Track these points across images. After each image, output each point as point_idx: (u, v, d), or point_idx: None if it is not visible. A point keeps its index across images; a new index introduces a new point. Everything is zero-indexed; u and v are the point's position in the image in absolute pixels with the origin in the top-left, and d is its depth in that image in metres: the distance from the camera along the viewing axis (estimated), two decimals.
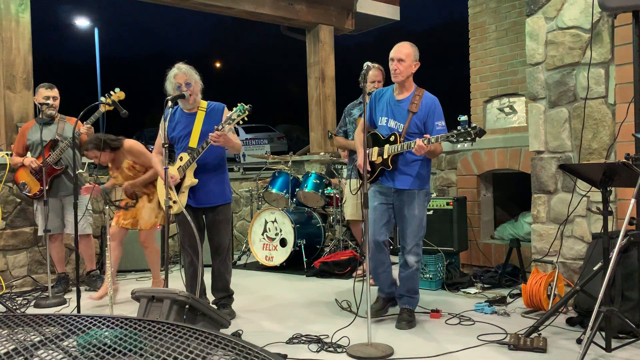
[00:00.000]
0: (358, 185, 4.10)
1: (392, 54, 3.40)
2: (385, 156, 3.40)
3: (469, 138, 3.07)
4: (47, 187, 4.33)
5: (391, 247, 5.79)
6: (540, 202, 3.87)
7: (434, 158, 3.49)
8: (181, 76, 3.57)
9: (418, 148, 3.17)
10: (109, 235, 3.69)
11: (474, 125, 3.10)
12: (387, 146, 3.40)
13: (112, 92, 4.29)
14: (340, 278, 4.91)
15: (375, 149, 3.47)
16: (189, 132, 3.63)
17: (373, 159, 3.47)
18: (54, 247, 4.63)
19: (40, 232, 4.60)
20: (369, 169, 3.45)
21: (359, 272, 4.54)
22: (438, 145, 3.29)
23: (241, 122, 3.45)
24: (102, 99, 4.25)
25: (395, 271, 3.55)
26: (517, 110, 5.44)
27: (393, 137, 3.38)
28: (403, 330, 3.34)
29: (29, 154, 4.61)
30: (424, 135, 3.22)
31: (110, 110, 4.28)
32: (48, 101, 4.53)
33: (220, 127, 3.42)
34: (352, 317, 3.55)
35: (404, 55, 3.36)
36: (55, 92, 4.61)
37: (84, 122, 4.40)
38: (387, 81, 4.16)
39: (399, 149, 3.33)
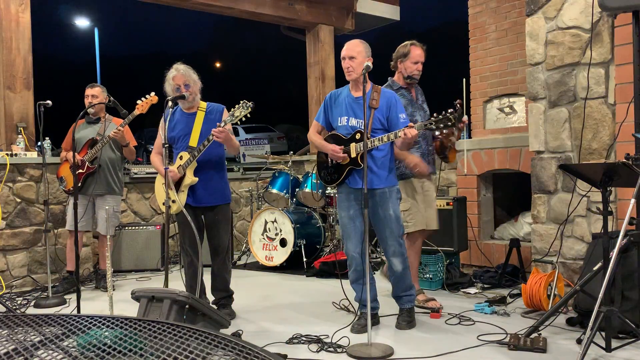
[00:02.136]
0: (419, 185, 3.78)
1: (342, 52, 3.35)
2: (353, 155, 3.30)
3: (449, 123, 3.00)
4: (79, 184, 4.43)
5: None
6: (540, 202, 3.87)
7: (407, 150, 3.44)
8: (179, 77, 3.58)
9: (411, 136, 3.07)
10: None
11: (450, 110, 3.02)
12: (353, 145, 3.29)
13: (147, 96, 4.31)
14: (340, 278, 4.90)
15: (353, 146, 3.34)
16: (188, 132, 3.64)
17: (339, 160, 3.36)
18: (73, 242, 4.64)
19: (68, 227, 4.66)
20: (344, 157, 3.31)
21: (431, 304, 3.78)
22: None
23: (243, 119, 3.45)
24: (139, 101, 4.30)
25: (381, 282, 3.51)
26: (517, 110, 5.44)
27: (359, 134, 3.30)
28: (403, 330, 3.34)
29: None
30: (408, 125, 3.15)
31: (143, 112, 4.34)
32: (87, 100, 4.63)
33: (222, 123, 3.43)
34: (352, 317, 3.56)
35: (355, 52, 3.31)
36: (94, 90, 4.67)
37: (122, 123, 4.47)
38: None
39: (378, 142, 3.21)
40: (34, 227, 4.87)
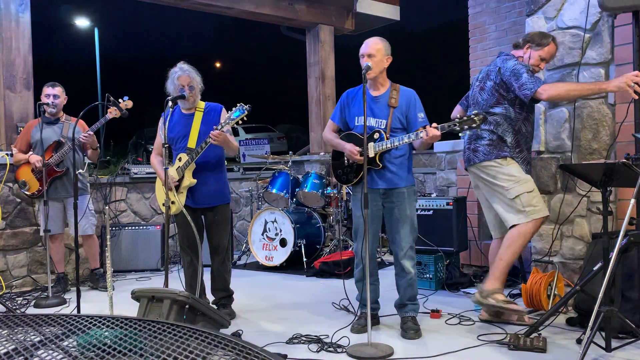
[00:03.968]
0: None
1: (361, 50, 3.29)
2: (371, 154, 3.25)
3: (473, 125, 2.96)
4: (45, 188, 4.33)
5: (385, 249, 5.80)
6: None
7: (425, 149, 3.42)
8: (185, 78, 3.57)
9: (433, 136, 3.02)
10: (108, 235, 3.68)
11: (475, 111, 3.01)
12: (371, 144, 3.24)
13: (120, 100, 4.30)
14: (340, 278, 4.91)
15: (371, 145, 3.27)
16: (187, 133, 3.64)
17: (356, 161, 3.30)
18: (54, 247, 4.64)
19: (42, 232, 4.59)
20: (371, 155, 3.25)
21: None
22: None
23: (240, 122, 3.45)
24: (120, 102, 4.28)
25: (383, 283, 3.47)
26: None
27: (377, 134, 3.25)
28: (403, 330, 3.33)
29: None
30: (433, 124, 3.08)
31: (117, 117, 4.30)
32: (48, 100, 4.52)
33: (220, 126, 3.43)
34: (351, 317, 3.56)
35: (374, 50, 3.25)
36: (56, 90, 4.58)
37: (89, 128, 4.45)
38: None
39: (398, 142, 3.16)
40: (33, 227, 4.87)
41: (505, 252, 3.35)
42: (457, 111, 3.77)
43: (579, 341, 2.95)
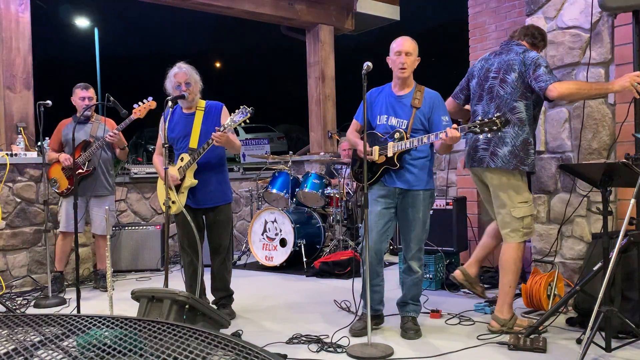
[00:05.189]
0: None
1: (398, 47, 3.22)
2: (390, 154, 3.21)
3: (494, 127, 2.89)
4: (72, 187, 4.43)
5: (391, 247, 5.81)
6: (540, 202, 3.87)
7: (446, 153, 3.37)
8: (181, 75, 3.57)
9: (453, 137, 2.96)
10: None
11: (497, 114, 2.95)
12: (391, 144, 3.22)
13: (145, 101, 4.34)
14: (340, 278, 4.91)
15: (376, 148, 3.26)
16: (188, 133, 3.63)
17: (375, 159, 3.27)
18: (64, 243, 4.66)
19: (61, 228, 4.64)
20: (376, 158, 3.24)
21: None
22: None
23: (243, 124, 3.45)
24: (136, 106, 4.35)
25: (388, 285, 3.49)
26: None
27: (398, 134, 3.21)
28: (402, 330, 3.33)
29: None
30: (453, 125, 3.05)
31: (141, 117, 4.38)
32: (83, 102, 4.62)
33: (222, 128, 3.42)
34: (352, 317, 3.56)
35: (412, 49, 3.23)
36: (90, 92, 4.68)
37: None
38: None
39: (417, 143, 3.12)
40: (34, 227, 4.87)
41: (513, 277, 3.28)
42: (450, 106, 3.63)
43: (579, 341, 2.95)
